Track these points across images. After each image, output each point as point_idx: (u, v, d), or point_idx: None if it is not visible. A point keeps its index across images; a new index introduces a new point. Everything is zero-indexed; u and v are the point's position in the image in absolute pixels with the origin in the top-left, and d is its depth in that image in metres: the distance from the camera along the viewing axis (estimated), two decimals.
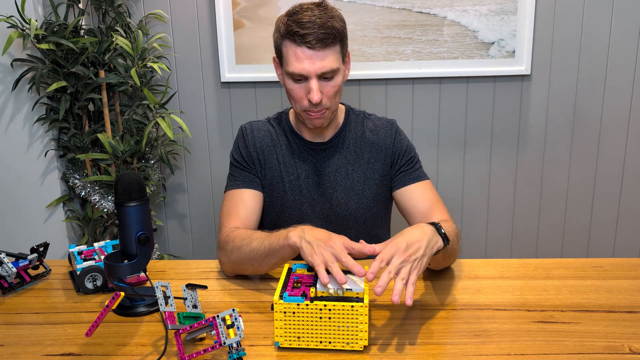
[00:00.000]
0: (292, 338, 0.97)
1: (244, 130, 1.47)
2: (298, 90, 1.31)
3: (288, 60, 1.30)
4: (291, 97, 1.35)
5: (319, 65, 1.27)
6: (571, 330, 1.02)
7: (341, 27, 1.30)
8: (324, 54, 1.27)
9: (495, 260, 1.35)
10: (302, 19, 1.26)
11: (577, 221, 2.28)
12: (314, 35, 1.25)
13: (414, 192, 1.41)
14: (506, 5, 2.07)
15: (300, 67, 1.27)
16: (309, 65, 1.27)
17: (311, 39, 1.25)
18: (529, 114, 2.18)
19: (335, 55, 1.29)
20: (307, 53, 1.27)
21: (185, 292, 1.01)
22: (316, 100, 1.28)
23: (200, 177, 2.32)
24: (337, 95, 1.34)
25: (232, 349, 0.91)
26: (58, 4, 1.98)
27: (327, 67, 1.28)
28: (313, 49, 1.26)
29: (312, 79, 1.28)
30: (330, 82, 1.30)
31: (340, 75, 1.33)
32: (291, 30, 1.27)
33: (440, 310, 1.11)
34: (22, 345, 1.02)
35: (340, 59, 1.32)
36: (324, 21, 1.26)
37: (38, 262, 1.28)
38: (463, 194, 2.27)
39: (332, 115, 1.38)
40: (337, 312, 0.95)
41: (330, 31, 1.27)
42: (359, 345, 0.96)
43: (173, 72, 2.22)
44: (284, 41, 1.30)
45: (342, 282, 0.96)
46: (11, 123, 2.02)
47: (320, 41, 1.26)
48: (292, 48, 1.28)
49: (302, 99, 1.31)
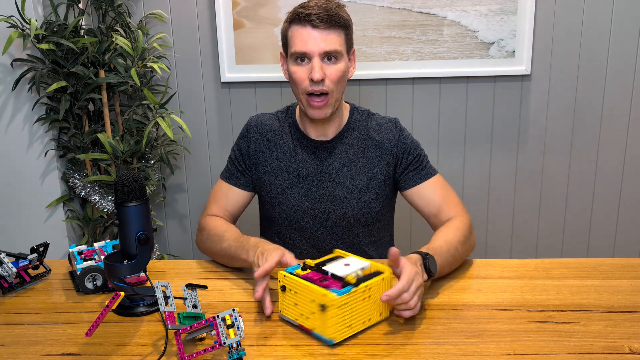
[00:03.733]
0: (344, 329, 0.99)
1: (249, 125, 1.48)
2: (301, 71, 1.32)
3: (292, 42, 1.33)
4: (294, 82, 1.35)
5: (322, 45, 1.29)
6: (571, 330, 1.02)
7: (347, 17, 1.35)
8: (328, 34, 1.30)
9: (495, 260, 1.35)
10: (309, 3, 1.32)
11: (577, 221, 2.28)
12: (317, 15, 1.29)
13: (423, 192, 1.41)
14: (506, 5, 2.07)
15: (304, 46, 1.30)
16: (312, 45, 1.30)
17: (315, 18, 1.29)
18: (529, 114, 2.18)
19: (339, 39, 1.32)
20: (311, 33, 1.30)
21: (185, 292, 1.01)
22: (317, 77, 1.29)
23: (200, 177, 2.32)
24: (339, 82, 1.34)
25: (232, 349, 0.91)
26: (58, 4, 1.98)
27: (330, 47, 1.30)
28: (317, 28, 1.29)
29: (314, 58, 1.30)
30: (334, 65, 1.32)
31: (344, 61, 1.34)
32: (296, 12, 1.32)
33: (440, 310, 1.11)
34: (22, 345, 1.02)
35: (345, 47, 1.34)
36: (329, 6, 1.31)
37: (38, 262, 1.28)
38: (463, 194, 2.27)
39: (335, 104, 1.36)
40: (376, 288, 1.03)
41: (335, 16, 1.31)
42: (386, 312, 1.06)
43: (173, 72, 2.22)
44: (290, 27, 1.34)
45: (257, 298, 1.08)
46: (11, 123, 2.02)
47: (324, 21, 1.29)
48: (296, 30, 1.32)
49: (304, 80, 1.32)
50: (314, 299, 0.99)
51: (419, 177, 1.42)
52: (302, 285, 1.01)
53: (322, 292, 0.97)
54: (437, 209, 1.38)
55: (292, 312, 1.04)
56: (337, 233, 1.45)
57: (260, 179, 1.45)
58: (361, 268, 1.05)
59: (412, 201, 1.44)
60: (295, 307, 1.03)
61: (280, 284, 1.05)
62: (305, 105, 1.35)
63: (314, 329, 1.00)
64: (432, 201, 1.40)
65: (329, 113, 1.36)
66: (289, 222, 1.45)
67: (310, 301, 0.99)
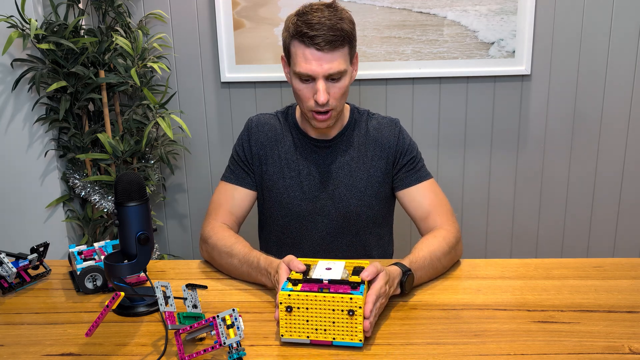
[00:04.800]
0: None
1: (249, 124, 1.48)
2: (305, 90, 1.32)
3: (296, 61, 1.30)
4: (298, 97, 1.35)
5: (327, 67, 1.27)
6: (571, 330, 1.02)
7: (350, 28, 1.31)
8: (332, 56, 1.27)
9: (495, 260, 1.35)
10: (312, 20, 1.26)
11: (577, 221, 2.28)
12: (322, 37, 1.25)
13: (414, 195, 1.41)
14: (506, 5, 2.07)
15: (308, 68, 1.28)
16: (316, 67, 1.27)
17: (320, 41, 1.25)
18: (529, 114, 2.18)
19: (343, 57, 1.30)
20: (315, 54, 1.27)
21: (185, 292, 1.01)
22: (322, 101, 1.28)
23: (200, 177, 2.32)
24: (343, 96, 1.34)
25: (232, 349, 0.91)
26: (58, 4, 1.98)
27: (335, 69, 1.28)
28: (321, 50, 1.26)
29: (319, 80, 1.29)
30: (337, 84, 1.31)
31: (348, 76, 1.33)
32: (300, 31, 1.27)
33: (440, 310, 1.11)
34: (22, 345, 1.02)
35: (348, 60, 1.33)
36: (333, 23, 1.26)
37: (38, 262, 1.28)
38: (463, 194, 2.27)
39: (338, 116, 1.39)
40: None
41: (340, 33, 1.27)
42: None
43: (173, 72, 2.22)
44: (292, 41, 1.30)
45: None
46: (11, 123, 2.02)
47: (329, 43, 1.26)
48: (300, 49, 1.28)
49: (308, 99, 1.32)
50: (336, 307, 0.96)
51: (412, 179, 1.42)
52: (316, 298, 0.96)
53: (346, 298, 0.95)
54: (426, 214, 1.38)
55: (302, 331, 0.98)
56: (337, 232, 1.45)
57: (262, 178, 1.46)
58: (343, 267, 1.05)
59: (403, 203, 1.44)
60: (306, 325, 0.98)
61: (284, 305, 0.98)
62: (310, 118, 1.36)
63: (335, 338, 0.98)
64: (422, 205, 1.39)
65: (332, 123, 1.38)
66: (290, 221, 1.45)
67: (329, 311, 0.96)
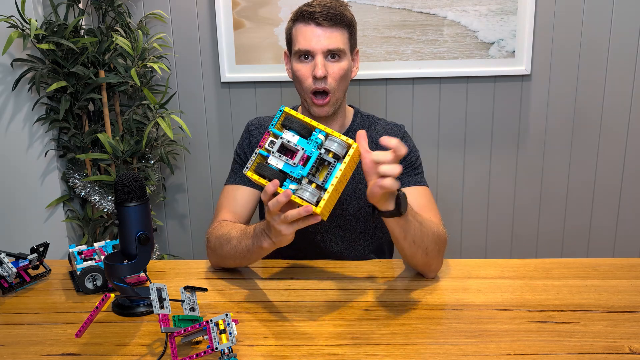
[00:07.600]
0: None
1: (249, 127, 1.48)
2: (304, 69, 1.34)
3: (296, 40, 1.34)
4: (298, 80, 1.36)
5: (325, 43, 1.31)
6: (571, 330, 1.02)
7: (351, 17, 1.36)
8: (331, 32, 1.31)
9: (495, 260, 1.35)
10: (313, 2, 1.33)
11: (577, 221, 2.28)
12: (321, 13, 1.30)
13: None
14: (506, 5, 2.07)
15: (307, 44, 1.31)
16: (315, 42, 1.31)
17: (319, 16, 1.30)
18: (529, 114, 2.18)
19: (342, 37, 1.33)
20: (315, 31, 1.31)
21: (183, 295, 1.01)
22: (320, 74, 1.30)
23: (200, 177, 2.32)
24: (342, 80, 1.35)
25: (224, 355, 0.91)
26: (58, 4, 1.98)
27: (333, 45, 1.31)
28: (321, 26, 1.30)
29: (317, 55, 1.31)
30: (337, 63, 1.33)
31: (347, 60, 1.35)
32: (301, 11, 1.33)
33: (440, 310, 1.11)
34: (22, 345, 1.02)
35: (348, 45, 1.35)
36: (334, 5, 1.32)
37: (38, 262, 1.28)
38: (463, 194, 2.27)
39: (337, 103, 1.37)
40: None
41: (340, 15, 1.32)
42: None
43: (173, 72, 2.22)
44: (294, 25, 1.35)
45: None
46: (11, 123, 2.02)
47: (328, 19, 1.30)
48: (300, 28, 1.33)
49: (307, 77, 1.33)
50: None
51: (406, 182, 1.39)
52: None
53: None
54: None
55: None
56: (338, 235, 1.45)
57: None
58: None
59: None
60: None
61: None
62: (310, 103, 1.36)
63: None
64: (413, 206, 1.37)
65: (331, 111, 1.37)
66: None
67: None
